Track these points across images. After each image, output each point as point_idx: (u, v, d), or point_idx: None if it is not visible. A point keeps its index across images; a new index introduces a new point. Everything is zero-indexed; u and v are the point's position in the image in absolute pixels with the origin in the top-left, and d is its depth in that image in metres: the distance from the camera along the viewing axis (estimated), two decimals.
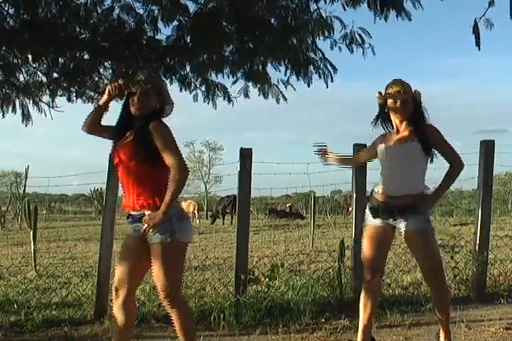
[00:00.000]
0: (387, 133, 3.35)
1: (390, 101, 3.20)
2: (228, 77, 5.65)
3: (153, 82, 2.77)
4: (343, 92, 60.48)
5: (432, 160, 3.21)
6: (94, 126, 2.85)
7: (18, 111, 5.93)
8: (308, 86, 5.60)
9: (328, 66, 5.50)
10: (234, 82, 5.81)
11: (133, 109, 2.74)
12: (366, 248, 3.33)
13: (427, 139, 3.15)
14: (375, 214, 3.25)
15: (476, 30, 4.56)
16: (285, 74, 5.48)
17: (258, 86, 5.69)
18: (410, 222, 3.16)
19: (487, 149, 4.89)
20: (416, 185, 3.19)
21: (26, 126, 5.97)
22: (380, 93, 3.25)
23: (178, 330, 2.80)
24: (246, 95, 5.87)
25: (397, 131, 3.27)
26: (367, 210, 3.33)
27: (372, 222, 3.29)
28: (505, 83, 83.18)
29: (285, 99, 5.85)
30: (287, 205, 24.78)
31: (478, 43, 4.58)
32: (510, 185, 34.28)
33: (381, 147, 3.29)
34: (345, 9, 5.03)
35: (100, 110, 2.84)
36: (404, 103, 3.18)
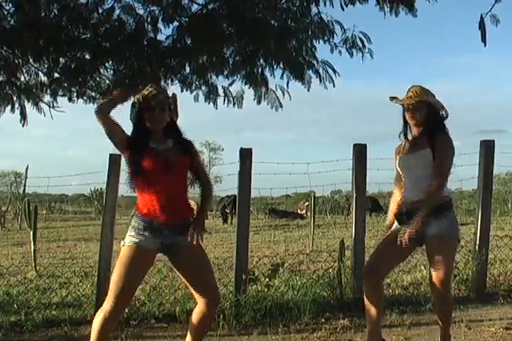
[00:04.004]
0: (402, 143, 3.32)
1: (404, 106, 3.20)
2: (228, 78, 5.65)
3: (168, 97, 2.86)
4: (345, 92, 60.53)
5: None
6: (108, 115, 2.79)
7: (17, 111, 5.93)
8: (308, 90, 5.59)
9: (329, 70, 5.49)
10: (230, 84, 5.82)
11: (152, 124, 2.79)
12: (377, 247, 3.32)
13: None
14: (400, 220, 3.19)
15: (482, 26, 4.53)
16: (281, 77, 5.46)
17: (256, 89, 5.67)
18: (432, 225, 3.09)
19: (487, 149, 4.89)
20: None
21: (23, 126, 5.98)
22: (390, 98, 3.23)
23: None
24: (242, 99, 5.85)
25: (414, 139, 3.24)
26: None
27: (399, 227, 3.19)
28: (505, 83, 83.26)
29: (281, 105, 5.82)
30: (305, 204, 24.67)
31: (483, 39, 4.56)
32: (510, 185, 34.28)
33: (398, 158, 3.29)
34: (343, 9, 5.03)
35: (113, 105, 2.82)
36: (414, 107, 3.15)
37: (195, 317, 2.91)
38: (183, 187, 2.86)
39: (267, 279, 4.63)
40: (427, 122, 3.17)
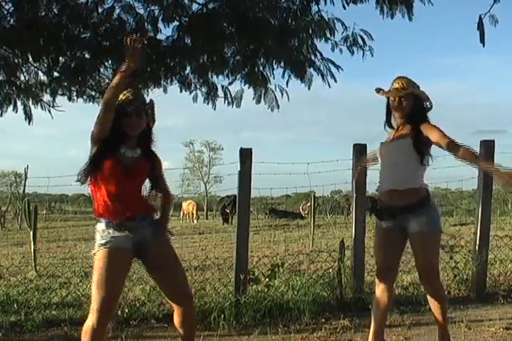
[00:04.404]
0: (388, 133, 3.32)
1: (390, 98, 3.19)
2: (229, 78, 5.65)
3: (145, 103, 2.82)
4: (344, 92, 60.60)
5: (422, 162, 3.10)
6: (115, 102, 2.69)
7: (20, 110, 5.94)
8: (309, 88, 5.60)
9: (331, 66, 5.49)
10: (230, 84, 5.82)
11: (129, 129, 2.76)
12: (375, 248, 3.38)
13: (420, 138, 3.06)
14: (380, 217, 3.25)
15: (480, 26, 4.54)
16: (282, 76, 5.46)
17: (257, 89, 5.67)
18: (412, 222, 3.11)
19: (487, 149, 4.88)
20: (406, 181, 3.11)
21: (29, 124, 5.98)
22: (376, 89, 3.22)
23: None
24: (241, 99, 5.86)
25: (397, 129, 3.23)
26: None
27: (380, 223, 3.27)
28: (503, 83, 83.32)
29: (278, 106, 5.83)
30: (308, 204, 24.60)
31: (482, 40, 4.57)
32: None
33: (379, 146, 3.31)
34: (345, 8, 5.02)
35: (125, 80, 2.63)
36: (400, 99, 3.13)
37: (176, 320, 2.89)
38: (138, 189, 2.85)
39: (267, 279, 4.62)
40: (411, 113, 3.16)
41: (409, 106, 3.15)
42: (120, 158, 2.74)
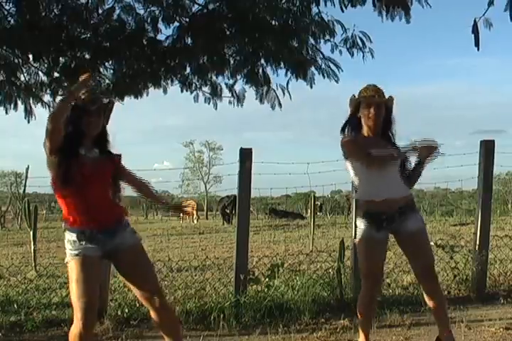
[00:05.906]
0: (359, 138, 3.22)
1: (362, 106, 3.17)
2: (229, 79, 5.66)
3: (104, 102, 2.82)
4: (344, 92, 60.39)
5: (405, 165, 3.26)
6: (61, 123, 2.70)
7: (20, 109, 5.94)
8: (311, 87, 5.61)
9: (332, 65, 5.50)
10: (233, 84, 5.83)
11: (89, 129, 2.73)
12: (363, 260, 3.30)
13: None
14: (379, 227, 3.19)
15: (475, 30, 4.56)
16: (285, 75, 5.47)
17: (258, 89, 5.68)
18: (411, 221, 3.18)
19: (487, 149, 4.89)
20: (404, 187, 3.24)
21: (29, 122, 5.99)
22: (354, 96, 3.22)
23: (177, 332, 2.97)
24: (243, 98, 5.87)
25: (370, 137, 3.20)
26: (363, 223, 3.25)
27: (372, 234, 3.20)
28: (504, 83, 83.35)
29: (280, 105, 5.84)
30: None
31: (477, 43, 4.59)
32: (510, 185, 34.32)
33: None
34: (343, 11, 5.03)
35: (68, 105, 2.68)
36: (377, 108, 3.15)
37: (156, 323, 2.93)
38: (106, 192, 2.84)
39: (267, 279, 4.63)
40: (385, 122, 3.22)
41: (383, 114, 3.20)
42: (83, 160, 2.71)
